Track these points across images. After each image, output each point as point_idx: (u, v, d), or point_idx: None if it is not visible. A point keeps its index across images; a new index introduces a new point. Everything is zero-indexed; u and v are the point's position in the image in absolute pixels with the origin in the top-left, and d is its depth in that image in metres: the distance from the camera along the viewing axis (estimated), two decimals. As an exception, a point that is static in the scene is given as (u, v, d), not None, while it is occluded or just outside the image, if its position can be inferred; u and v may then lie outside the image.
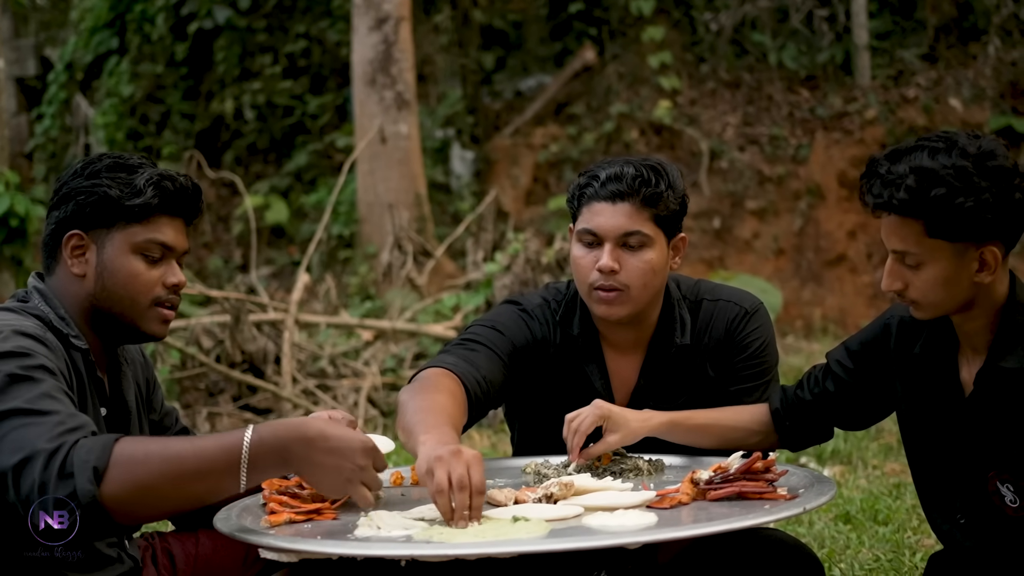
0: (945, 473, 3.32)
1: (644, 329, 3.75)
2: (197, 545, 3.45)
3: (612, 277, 3.57)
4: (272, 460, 2.82)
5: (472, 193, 15.28)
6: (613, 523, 2.78)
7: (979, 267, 3.07)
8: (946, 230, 3.00)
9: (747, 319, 3.76)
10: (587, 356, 3.77)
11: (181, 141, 16.95)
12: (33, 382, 2.82)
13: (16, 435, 2.73)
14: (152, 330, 3.22)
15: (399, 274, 12.25)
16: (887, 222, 3.09)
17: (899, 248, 3.08)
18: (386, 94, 13.44)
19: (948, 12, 15.57)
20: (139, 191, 3.14)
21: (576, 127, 15.65)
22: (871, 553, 5.25)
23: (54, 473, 2.67)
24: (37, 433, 2.73)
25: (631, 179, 3.55)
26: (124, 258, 3.15)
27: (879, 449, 7.43)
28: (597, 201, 3.59)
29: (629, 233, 3.57)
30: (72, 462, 2.68)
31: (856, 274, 14.26)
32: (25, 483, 2.69)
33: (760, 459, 3.00)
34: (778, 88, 15.46)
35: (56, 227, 3.17)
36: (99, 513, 2.69)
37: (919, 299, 3.13)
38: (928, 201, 2.98)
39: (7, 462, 2.71)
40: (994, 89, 14.67)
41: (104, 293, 3.15)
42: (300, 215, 16.13)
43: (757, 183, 14.75)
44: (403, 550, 2.68)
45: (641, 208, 3.56)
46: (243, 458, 2.79)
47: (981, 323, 3.17)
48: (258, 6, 16.98)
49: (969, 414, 3.23)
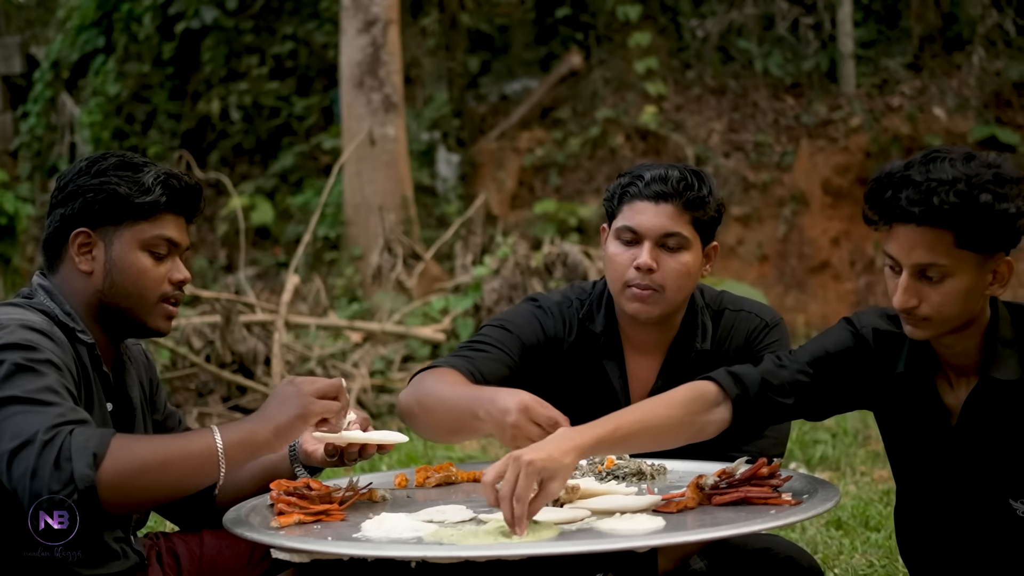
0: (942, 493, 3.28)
1: (667, 332, 3.79)
2: (201, 545, 3.47)
3: (648, 276, 3.62)
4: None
5: (458, 196, 15.30)
6: (622, 526, 2.81)
7: (992, 279, 3.05)
8: (977, 240, 2.95)
9: (767, 331, 3.80)
10: (608, 353, 3.80)
11: (167, 141, 16.91)
12: (37, 374, 2.86)
13: (15, 421, 2.77)
14: (158, 326, 3.26)
15: (389, 276, 12.26)
16: (909, 234, 2.99)
17: (925, 260, 2.98)
18: (374, 96, 13.46)
19: (933, 22, 15.64)
20: (148, 189, 3.18)
21: (562, 131, 15.67)
22: (864, 559, 5.29)
23: (51, 459, 2.72)
24: (37, 421, 2.77)
25: (676, 181, 3.61)
26: (133, 255, 3.19)
27: (867, 456, 7.47)
28: (640, 200, 3.65)
29: (669, 234, 3.62)
30: (70, 448, 2.73)
31: (839, 281, 14.32)
32: (19, 468, 2.73)
33: (765, 464, 3.04)
34: (763, 95, 15.51)
35: (61, 224, 3.20)
36: (93, 500, 2.73)
37: (932, 315, 3.04)
38: (973, 208, 2.92)
39: (4, 447, 2.75)
40: (978, 99, 14.73)
41: (113, 289, 3.18)
42: (285, 216, 16.12)
43: (742, 189, 14.78)
44: (415, 551, 2.72)
45: (683, 211, 3.62)
46: (219, 449, 2.94)
47: (972, 342, 3.14)
48: (245, 7, 16.96)
49: (959, 440, 3.19)
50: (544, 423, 3.19)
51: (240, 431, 3.01)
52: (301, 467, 3.41)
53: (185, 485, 2.96)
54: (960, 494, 3.24)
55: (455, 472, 3.49)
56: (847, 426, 8.10)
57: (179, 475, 2.92)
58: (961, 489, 3.23)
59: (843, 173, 14.59)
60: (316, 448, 3.36)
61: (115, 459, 2.78)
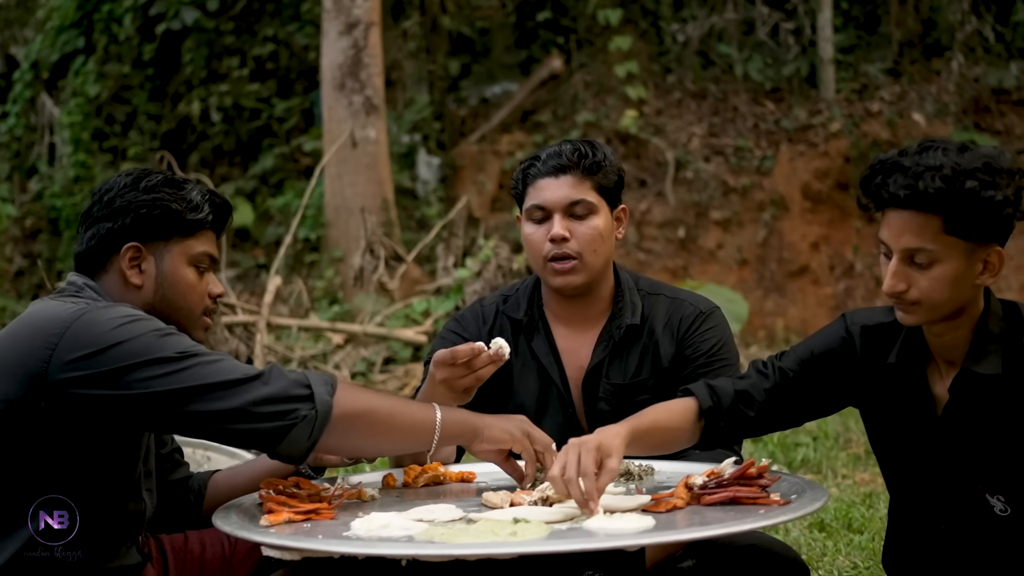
0: (924, 486, 3.33)
1: (592, 306, 3.94)
2: (186, 543, 3.51)
3: (564, 245, 3.78)
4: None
5: (438, 199, 15.30)
6: (612, 526, 2.82)
7: (983, 269, 3.09)
8: (965, 227, 3.01)
9: (703, 318, 3.91)
10: (532, 332, 3.96)
11: (147, 142, 16.88)
12: (178, 336, 3.00)
13: (222, 364, 2.95)
14: (199, 336, 3.33)
15: (371, 278, 12.26)
16: (898, 219, 3.07)
17: (913, 245, 3.05)
18: (355, 99, 13.46)
19: (912, 28, 15.70)
20: (197, 206, 3.29)
21: (542, 135, 15.67)
22: (848, 560, 5.31)
23: (293, 381, 2.92)
24: (239, 364, 2.95)
25: (570, 152, 3.80)
26: (183, 269, 3.28)
27: (848, 459, 7.50)
28: (541, 178, 3.82)
29: (575, 202, 3.79)
30: (307, 376, 2.95)
31: (818, 285, 14.36)
32: (261, 390, 2.89)
33: (754, 465, 3.06)
34: (743, 100, 15.55)
35: (107, 237, 3.24)
36: (323, 426, 2.91)
37: (922, 299, 3.10)
38: (958, 193, 2.98)
39: (234, 373, 2.91)
40: (957, 104, 14.79)
41: (164, 303, 3.25)
42: (265, 218, 16.10)
43: (722, 193, 14.81)
44: (406, 549, 2.72)
45: (584, 178, 3.80)
46: (436, 425, 3.11)
47: (962, 332, 3.19)
48: (226, 8, 16.93)
49: (943, 430, 3.24)
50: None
51: (457, 413, 3.21)
52: (307, 467, 3.45)
53: (400, 441, 3.15)
54: (942, 487, 3.28)
55: (443, 472, 3.50)
56: (828, 429, 8.14)
57: (399, 428, 3.08)
58: (943, 481, 3.28)
59: (823, 178, 14.63)
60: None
61: (347, 395, 2.97)
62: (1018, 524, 3.19)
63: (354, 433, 2.99)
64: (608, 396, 3.86)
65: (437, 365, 3.46)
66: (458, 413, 3.19)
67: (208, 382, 2.89)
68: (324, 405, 2.90)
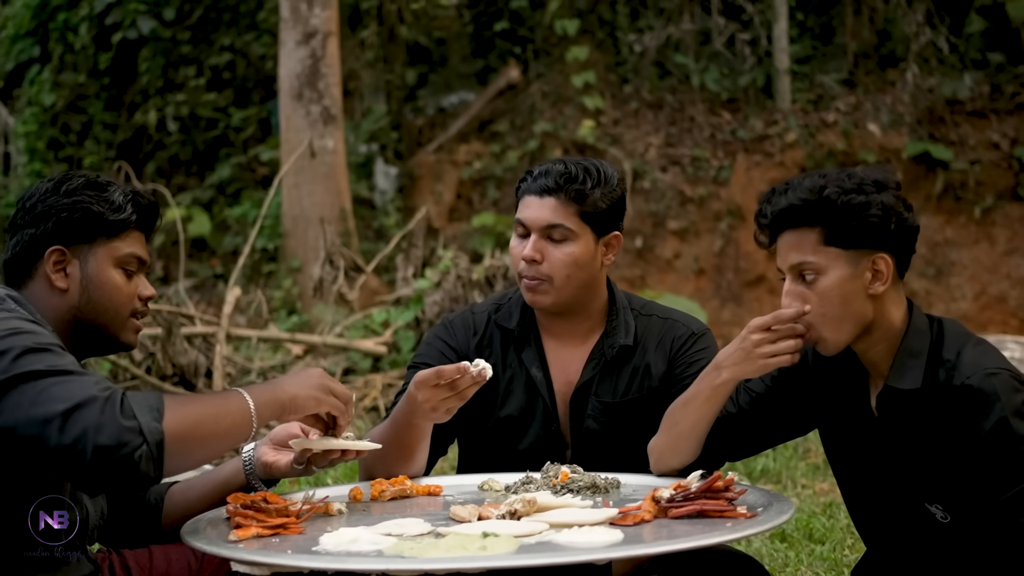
0: (872, 493, 3.42)
1: (583, 323, 3.93)
2: (151, 559, 3.48)
3: (535, 267, 3.78)
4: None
5: (396, 209, 15.28)
6: (581, 539, 2.84)
7: (872, 277, 3.18)
8: (842, 235, 3.14)
9: (694, 339, 3.95)
10: (523, 344, 3.94)
11: (103, 152, 16.78)
12: (55, 353, 2.87)
13: (59, 388, 2.76)
14: (129, 340, 3.32)
15: (330, 289, 12.23)
16: (783, 242, 3.23)
17: (796, 260, 3.19)
18: (313, 108, 13.43)
19: (867, 39, 15.80)
20: (119, 207, 3.26)
21: (500, 145, 15.69)
22: (810, 571, 5.34)
23: (115, 414, 2.71)
24: (83, 385, 2.77)
25: (557, 175, 3.77)
26: (108, 271, 3.25)
27: (807, 469, 7.53)
28: (528, 195, 3.83)
29: (552, 226, 3.77)
30: (131, 405, 2.75)
31: (775, 295, 14.33)
32: (76, 427, 2.69)
33: (720, 478, 3.09)
34: (700, 110, 15.60)
35: (31, 243, 3.21)
36: (160, 454, 2.74)
37: (817, 322, 3.20)
38: (822, 202, 3.13)
39: (54, 409, 2.72)
40: (912, 115, 14.88)
41: (89, 305, 3.22)
42: (223, 228, 16.04)
43: (679, 203, 14.86)
44: (376, 564, 2.72)
45: (567, 203, 3.77)
46: (252, 413, 3.00)
47: (882, 349, 3.27)
48: (183, 18, 16.86)
49: (880, 444, 3.33)
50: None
51: (264, 392, 3.08)
52: (259, 481, 3.43)
53: (229, 442, 3.01)
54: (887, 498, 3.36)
55: (410, 486, 3.51)
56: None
57: (226, 428, 2.95)
58: (888, 493, 3.36)
59: (779, 188, 14.68)
60: (277, 459, 3.39)
61: (174, 413, 2.81)
62: (960, 531, 3.25)
63: (190, 450, 2.87)
64: (597, 414, 3.87)
65: (419, 386, 3.45)
66: (263, 392, 3.07)
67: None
68: (155, 435, 2.75)
